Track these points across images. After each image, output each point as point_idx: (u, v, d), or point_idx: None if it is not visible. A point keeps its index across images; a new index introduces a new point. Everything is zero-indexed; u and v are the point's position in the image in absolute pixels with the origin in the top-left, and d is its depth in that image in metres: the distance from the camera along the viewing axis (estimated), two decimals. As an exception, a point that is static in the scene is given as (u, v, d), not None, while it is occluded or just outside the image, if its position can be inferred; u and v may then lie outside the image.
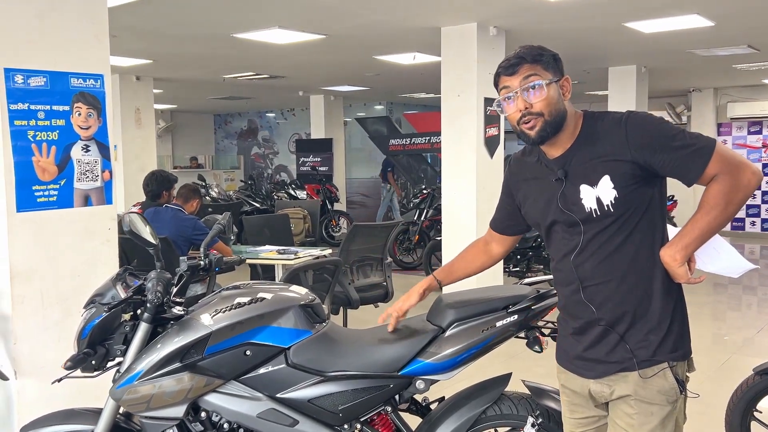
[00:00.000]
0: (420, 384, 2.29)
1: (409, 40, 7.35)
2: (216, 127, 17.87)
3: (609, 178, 1.82)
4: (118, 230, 3.53)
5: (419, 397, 2.45)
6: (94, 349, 2.23)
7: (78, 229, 3.35)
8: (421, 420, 2.43)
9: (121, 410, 2.30)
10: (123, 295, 2.24)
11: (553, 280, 2.04)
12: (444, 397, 2.47)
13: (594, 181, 1.84)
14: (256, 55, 8.26)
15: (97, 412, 2.30)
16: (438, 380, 2.30)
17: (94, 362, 2.24)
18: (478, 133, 6.80)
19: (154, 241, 2.30)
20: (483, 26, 6.68)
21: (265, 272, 5.67)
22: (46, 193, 3.22)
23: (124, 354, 2.24)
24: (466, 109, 6.79)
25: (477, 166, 6.80)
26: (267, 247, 5.76)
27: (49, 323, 3.23)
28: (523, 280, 2.55)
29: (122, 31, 6.46)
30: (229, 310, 2.24)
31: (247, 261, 5.26)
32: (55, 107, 3.22)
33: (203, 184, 12.12)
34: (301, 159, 14.01)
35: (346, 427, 2.30)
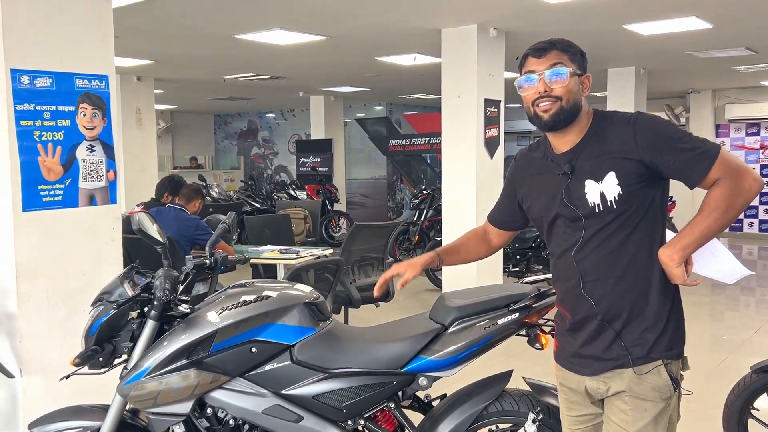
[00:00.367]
0: (423, 381, 2.33)
1: (409, 41, 7.38)
2: (216, 128, 17.86)
3: (614, 174, 1.85)
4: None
5: (422, 394, 2.49)
6: (102, 346, 2.27)
7: (83, 229, 3.38)
8: (424, 416, 2.46)
9: (128, 406, 2.33)
10: (130, 293, 2.28)
11: (552, 277, 2.07)
12: (446, 394, 2.51)
13: (599, 177, 1.87)
14: (257, 56, 8.28)
15: (104, 409, 2.33)
16: (440, 377, 2.34)
17: (101, 359, 2.27)
18: (478, 134, 6.83)
19: (162, 240, 2.33)
20: (483, 28, 6.70)
21: (267, 272, 5.70)
22: (52, 193, 3.25)
23: (131, 351, 2.27)
24: (466, 110, 6.81)
25: (477, 167, 6.82)
26: (269, 247, 5.80)
27: (54, 321, 3.26)
28: (524, 279, 2.58)
29: (124, 32, 6.47)
30: (235, 308, 2.27)
31: (250, 260, 5.29)
32: (60, 108, 3.25)
33: (204, 184, 12.13)
34: (301, 159, 14.00)
35: (350, 423, 2.33)
